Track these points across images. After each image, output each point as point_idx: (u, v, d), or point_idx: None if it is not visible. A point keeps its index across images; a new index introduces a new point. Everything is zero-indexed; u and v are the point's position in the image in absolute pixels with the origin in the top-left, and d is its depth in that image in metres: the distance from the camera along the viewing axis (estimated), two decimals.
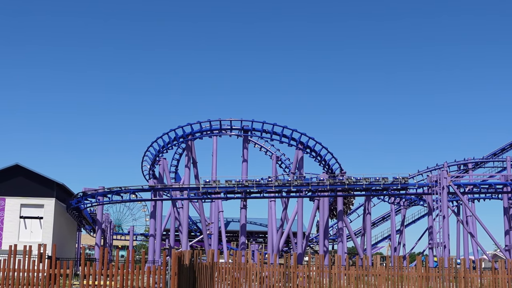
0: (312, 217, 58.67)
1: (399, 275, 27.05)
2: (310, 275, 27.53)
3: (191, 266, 22.50)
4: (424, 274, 27.25)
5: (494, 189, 54.52)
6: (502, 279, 26.63)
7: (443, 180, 50.77)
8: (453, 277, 26.70)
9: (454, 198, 61.55)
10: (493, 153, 75.52)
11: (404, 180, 51.22)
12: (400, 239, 72.21)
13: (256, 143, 68.10)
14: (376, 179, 51.14)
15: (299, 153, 55.64)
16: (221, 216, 62.95)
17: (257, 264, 27.43)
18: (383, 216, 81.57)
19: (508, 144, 76.37)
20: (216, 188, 51.37)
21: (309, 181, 51.76)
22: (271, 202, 58.45)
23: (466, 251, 65.43)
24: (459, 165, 68.73)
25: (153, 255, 56.53)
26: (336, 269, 27.46)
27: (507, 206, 58.30)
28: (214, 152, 59.88)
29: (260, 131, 55.48)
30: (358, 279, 27.31)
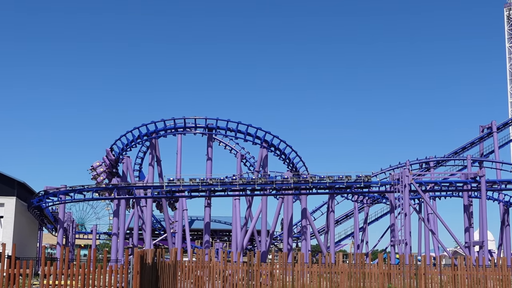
0: (276, 215, 58.89)
1: (361, 273, 27.34)
2: (274, 273, 27.64)
3: (153, 265, 22.40)
4: (386, 271, 27.58)
5: (454, 187, 55.44)
6: (461, 275, 27.09)
7: (405, 179, 51.44)
8: (414, 274, 27.09)
9: (415, 196, 62.32)
10: (454, 152, 76.74)
11: (367, 179, 51.73)
12: (363, 236, 72.94)
13: (221, 142, 68.00)
14: (339, 177, 51.54)
15: (264, 152, 55.76)
16: (185, 215, 62.73)
17: (221, 262, 27.43)
18: (346, 214, 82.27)
19: (469, 142, 77.70)
20: (180, 187, 51.18)
21: (274, 179, 51.90)
22: (236, 200, 58.44)
23: (427, 248, 66.34)
24: (421, 163, 69.61)
25: (116, 254, 56.04)
26: (299, 266, 27.61)
27: (467, 204, 59.35)
28: (178, 150, 59.64)
29: (224, 129, 55.40)
30: (320, 277, 27.52)
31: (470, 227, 58.47)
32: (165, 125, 55.53)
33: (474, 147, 78.31)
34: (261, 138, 54.88)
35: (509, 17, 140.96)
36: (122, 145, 56.84)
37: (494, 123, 76.78)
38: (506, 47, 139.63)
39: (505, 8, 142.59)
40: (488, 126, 77.55)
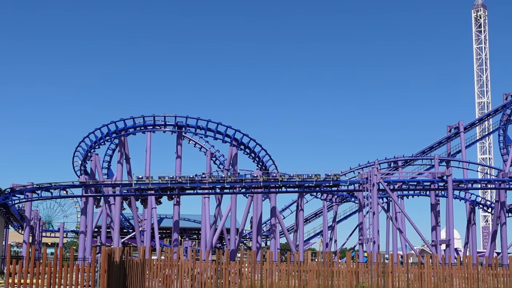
0: (245, 214, 58.89)
1: (330, 271, 27.49)
2: (242, 271, 27.64)
3: (121, 263, 22.22)
4: (354, 270, 27.78)
5: (422, 186, 56.03)
6: (427, 273, 27.43)
7: (373, 178, 51.84)
8: (381, 272, 27.34)
9: (384, 195, 62.91)
10: (422, 151, 77.65)
11: (336, 177, 52.01)
12: (331, 235, 73.38)
13: (191, 139, 67.75)
14: (308, 176, 51.71)
15: (233, 150, 55.71)
16: (154, 213, 62.38)
17: (189, 260, 27.34)
18: (315, 213, 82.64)
19: (436, 142, 78.69)
20: (149, 185, 50.85)
21: (243, 177, 51.89)
22: (205, 199, 58.33)
23: (395, 246, 67.05)
24: (390, 162, 70.27)
25: (83, 252, 55.49)
26: (268, 265, 27.66)
27: (434, 203, 60.07)
28: (147, 148, 59.22)
29: (194, 127, 55.17)
30: (289, 275, 27.61)
31: (437, 226, 59.19)
32: (134, 123, 55.08)
33: (442, 147, 79.45)
34: (231, 136, 54.83)
35: (477, 19, 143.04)
36: (90, 142, 56.28)
37: (461, 123, 77.86)
38: (474, 49, 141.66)
39: (472, 10, 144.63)
40: (455, 126, 78.62)
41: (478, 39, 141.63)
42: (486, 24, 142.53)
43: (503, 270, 27.55)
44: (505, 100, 78.16)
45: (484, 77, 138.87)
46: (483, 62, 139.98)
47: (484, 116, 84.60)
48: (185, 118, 54.87)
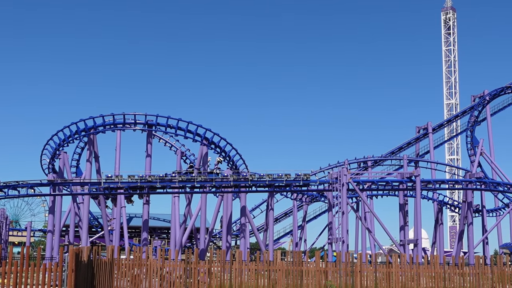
0: (215, 213, 58.80)
1: (299, 270, 27.60)
2: (212, 271, 27.60)
3: (89, 263, 22.02)
4: (323, 269, 27.95)
5: (391, 186, 56.50)
6: (395, 272, 27.70)
7: (343, 177, 52.14)
8: (350, 271, 27.52)
9: (353, 195, 63.34)
10: (391, 152, 78.42)
11: (306, 177, 52.20)
12: (301, 234, 73.66)
13: (161, 138, 67.43)
14: (279, 176, 51.81)
15: (204, 149, 55.58)
16: (123, 212, 61.90)
17: (158, 260, 27.21)
18: (285, 212, 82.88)
19: (405, 143, 79.54)
20: (119, 183, 50.46)
21: (213, 177, 51.79)
22: (175, 198, 58.06)
23: (364, 246, 67.53)
24: (359, 163, 70.82)
25: (51, 251, 54.82)
26: (237, 264, 27.67)
27: (402, 203, 60.61)
28: (117, 146, 58.72)
29: (164, 126, 54.93)
30: (258, 274, 27.65)
31: (405, 226, 59.73)
32: (103, 121, 54.62)
33: (411, 147, 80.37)
34: (201, 135, 54.69)
35: (446, 21, 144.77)
36: (58, 140, 55.64)
37: (430, 124, 78.80)
38: (443, 50, 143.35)
39: (442, 12, 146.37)
40: (424, 127, 79.53)
41: (447, 41, 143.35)
42: (455, 27, 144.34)
43: (470, 270, 27.93)
44: (473, 101, 79.29)
45: (453, 79, 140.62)
46: (451, 64, 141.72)
47: (452, 118, 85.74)
48: (156, 116, 54.59)
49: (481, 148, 67.11)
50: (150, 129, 55.53)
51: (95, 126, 54.38)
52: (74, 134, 54.81)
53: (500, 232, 69.14)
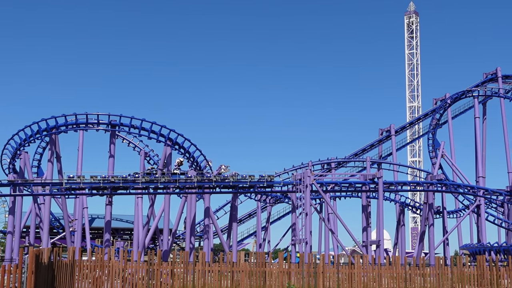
0: (179, 214, 58.55)
1: (262, 271, 27.64)
2: (175, 272, 27.46)
3: (50, 265, 21.71)
4: (286, 270, 28.04)
5: (354, 187, 57.01)
6: (357, 273, 27.93)
7: (306, 179, 52.40)
8: (313, 272, 27.67)
9: (317, 196, 63.70)
10: (354, 153, 79.13)
11: (270, 178, 52.34)
12: (265, 235, 73.76)
13: (125, 139, 66.89)
14: (242, 177, 51.87)
15: (168, 150, 55.29)
16: (85, 213, 61.27)
17: (121, 261, 26.97)
18: (249, 213, 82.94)
19: (368, 145, 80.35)
20: (81, 184, 49.88)
21: (177, 177, 51.56)
22: (138, 199, 57.68)
23: (327, 247, 67.99)
24: (323, 164, 71.28)
25: (10, 253, 53.90)
26: (201, 265, 27.58)
27: (365, 204, 61.21)
28: (80, 146, 58.13)
29: (128, 126, 54.46)
30: (222, 275, 27.61)
31: (367, 227, 60.31)
32: (66, 121, 53.91)
33: (374, 149, 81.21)
34: (165, 136, 54.39)
35: (409, 25, 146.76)
36: (19, 140, 54.73)
37: (393, 127, 79.77)
38: (406, 54, 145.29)
39: (405, 16, 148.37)
40: (387, 129, 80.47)
41: (410, 45, 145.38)
42: (418, 30, 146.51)
43: (430, 270, 28.31)
44: (434, 104, 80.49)
45: (415, 82, 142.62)
46: (414, 67, 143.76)
47: (414, 120, 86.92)
48: (119, 117, 54.11)
49: (442, 151, 68.09)
50: (113, 129, 55.01)
51: (57, 126, 53.63)
52: (35, 134, 53.95)
53: (460, 233, 70.29)
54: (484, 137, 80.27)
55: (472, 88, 76.78)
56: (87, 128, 54.87)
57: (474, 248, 55.71)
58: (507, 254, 49.37)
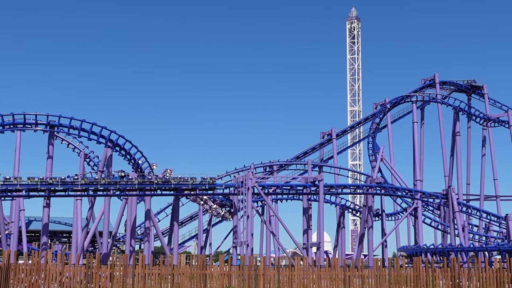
0: (119, 216, 57.82)
1: (203, 274, 27.55)
2: (114, 275, 27.09)
3: None
4: (226, 273, 28.04)
5: (295, 190, 57.50)
6: (297, 275, 28.15)
7: (248, 181, 52.56)
8: (253, 274, 27.74)
9: (259, 199, 63.92)
10: (296, 156, 79.76)
11: (212, 181, 52.28)
12: (207, 238, 73.54)
13: (64, 140, 65.55)
14: (185, 179, 51.65)
15: (108, 151, 54.50)
16: (22, 215, 59.76)
17: (58, 265, 26.43)
18: (191, 216, 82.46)
19: (310, 148, 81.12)
20: (17, 186, 48.64)
21: (118, 179, 50.90)
22: (77, 201, 56.64)
23: (268, 249, 68.25)
24: (265, 167, 71.59)
25: None
26: (140, 269, 27.30)
27: (306, 207, 61.75)
28: (17, 147, 56.61)
29: (67, 127, 53.38)
30: (162, 278, 27.39)
31: (308, 229, 60.84)
32: (2, 121, 52.43)
33: (315, 152, 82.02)
34: (106, 137, 53.56)
35: (351, 30, 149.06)
36: None
37: (334, 130, 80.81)
38: (347, 59, 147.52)
39: (347, 21, 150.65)
40: (328, 133, 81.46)
41: (352, 50, 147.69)
42: (359, 36, 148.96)
43: (369, 272, 28.76)
44: (374, 109, 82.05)
45: (356, 87, 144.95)
46: (355, 72, 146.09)
47: (355, 124, 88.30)
48: (58, 117, 53.03)
49: (381, 154, 69.37)
50: (52, 130, 53.81)
51: None
52: None
53: (398, 235, 71.76)
54: (422, 141, 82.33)
55: (411, 94, 78.63)
56: (25, 128, 53.55)
57: (411, 250, 56.91)
58: (443, 256, 50.66)
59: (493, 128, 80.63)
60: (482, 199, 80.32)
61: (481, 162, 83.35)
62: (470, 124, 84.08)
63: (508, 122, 79.30)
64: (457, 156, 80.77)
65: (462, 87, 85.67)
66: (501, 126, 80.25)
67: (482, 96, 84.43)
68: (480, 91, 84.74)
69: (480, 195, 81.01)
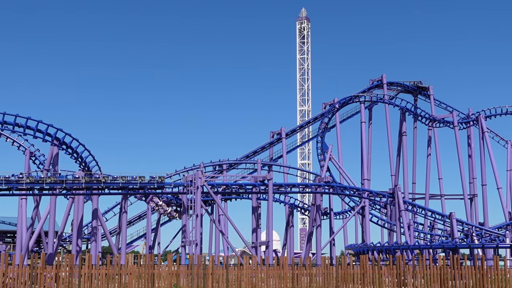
0: (66, 216, 56.87)
1: (150, 274, 27.32)
2: (60, 276, 26.62)
3: None
4: (175, 272, 27.88)
5: (244, 189, 57.57)
6: (246, 274, 28.19)
7: (197, 180, 52.39)
8: (202, 273, 27.66)
9: (208, 198, 63.77)
10: (246, 155, 79.87)
11: (161, 179, 51.91)
12: (155, 237, 72.96)
13: (8, 137, 63.95)
14: (133, 178, 51.16)
15: (54, 149, 53.51)
16: None
17: (1, 266, 25.82)
18: (139, 215, 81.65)
19: (260, 147, 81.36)
20: None
21: (64, 178, 50.07)
22: (22, 200, 55.37)
23: (217, 248, 68.19)
24: (215, 166, 71.42)
25: None
26: (87, 269, 26.89)
27: (255, 206, 61.93)
28: None
29: (12, 124, 52.21)
30: (109, 279, 27.05)
31: (257, 228, 61.03)
32: None
33: (265, 151, 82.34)
34: (52, 135, 52.59)
35: (301, 30, 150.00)
36: None
37: (284, 130, 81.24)
38: (297, 59, 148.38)
39: (297, 21, 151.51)
40: (278, 132, 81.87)
41: (302, 50, 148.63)
42: (309, 36, 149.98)
43: (317, 270, 29.02)
44: (323, 109, 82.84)
45: (306, 86, 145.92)
46: (305, 72, 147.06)
47: (304, 124, 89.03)
48: (2, 114, 51.81)
49: (330, 154, 70.07)
50: None
51: None
52: None
53: (346, 233, 72.68)
54: (370, 141, 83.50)
55: (359, 94, 79.69)
56: None
57: (358, 248, 57.71)
58: (389, 254, 51.53)
59: (438, 128, 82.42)
60: (427, 198, 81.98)
61: (427, 161, 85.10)
62: (416, 124, 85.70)
63: (453, 123, 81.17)
64: (403, 156, 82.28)
65: (409, 88, 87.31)
66: (446, 126, 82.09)
67: (428, 97, 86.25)
68: (426, 92, 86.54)
69: (425, 194, 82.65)
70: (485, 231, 64.06)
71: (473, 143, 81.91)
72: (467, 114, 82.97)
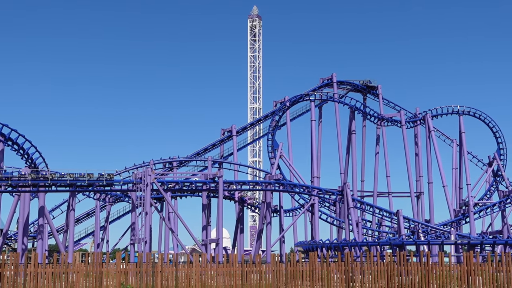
0: (11, 213, 55.65)
1: (98, 272, 26.96)
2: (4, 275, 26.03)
3: None
4: (123, 270, 27.57)
5: (195, 186, 57.39)
6: (196, 272, 28.09)
7: (147, 178, 51.99)
8: (151, 271, 27.44)
9: (158, 195, 63.29)
10: (196, 153, 79.56)
11: (110, 177, 51.35)
12: (104, 235, 72.07)
13: None
14: (81, 175, 50.44)
15: (0, 145, 52.28)
16: None
17: None
18: (87, 213, 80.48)
19: (210, 144, 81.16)
20: None
21: (9, 175, 48.98)
22: None
23: (167, 246, 67.76)
24: (165, 163, 70.89)
25: None
26: (33, 267, 26.36)
27: (206, 203, 61.82)
28: None
29: None
30: (56, 277, 26.58)
31: (208, 226, 60.95)
32: None
33: (216, 149, 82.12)
34: None
35: (252, 28, 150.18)
36: None
37: (234, 127, 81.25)
38: (248, 56, 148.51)
39: (249, 19, 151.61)
40: (228, 130, 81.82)
41: (253, 48, 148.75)
42: (260, 34, 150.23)
43: (266, 267, 29.13)
44: (274, 107, 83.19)
45: (257, 84, 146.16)
46: (256, 69, 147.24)
47: (255, 121, 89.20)
48: None
49: (280, 151, 70.46)
50: None
51: None
52: None
53: (296, 231, 73.06)
54: (320, 139, 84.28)
55: (309, 92, 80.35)
56: None
57: (307, 245, 58.19)
58: (337, 250, 52.14)
59: (387, 127, 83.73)
60: (375, 196, 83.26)
61: (375, 159, 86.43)
62: (365, 123, 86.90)
63: (400, 122, 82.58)
64: (352, 154, 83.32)
65: (358, 87, 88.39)
66: (394, 125, 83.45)
67: (376, 96, 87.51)
68: (375, 91, 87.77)
69: (373, 191, 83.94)
70: (431, 228, 65.48)
71: (420, 142, 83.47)
72: (414, 113, 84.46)
